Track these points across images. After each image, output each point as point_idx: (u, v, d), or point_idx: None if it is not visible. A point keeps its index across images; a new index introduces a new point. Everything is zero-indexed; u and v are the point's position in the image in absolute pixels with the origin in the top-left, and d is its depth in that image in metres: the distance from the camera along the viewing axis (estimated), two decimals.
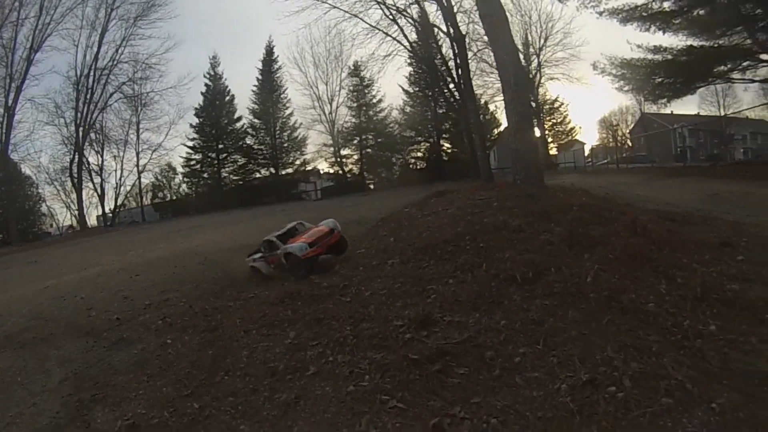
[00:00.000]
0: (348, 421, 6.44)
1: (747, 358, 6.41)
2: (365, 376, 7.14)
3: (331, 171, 60.71)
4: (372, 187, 56.75)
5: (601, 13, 34.67)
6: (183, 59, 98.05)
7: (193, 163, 59.87)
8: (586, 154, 55.63)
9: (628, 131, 66.01)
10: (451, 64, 36.90)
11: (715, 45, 33.02)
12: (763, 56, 32.19)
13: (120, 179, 57.86)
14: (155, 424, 7.23)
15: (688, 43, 33.68)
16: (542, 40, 53.07)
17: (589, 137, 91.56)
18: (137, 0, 55.29)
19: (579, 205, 13.04)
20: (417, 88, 54.51)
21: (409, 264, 11.42)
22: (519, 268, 9.25)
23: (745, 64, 33.18)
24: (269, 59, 60.20)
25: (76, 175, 54.78)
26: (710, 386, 5.96)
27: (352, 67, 56.54)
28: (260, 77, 60.20)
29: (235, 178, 60.50)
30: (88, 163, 56.29)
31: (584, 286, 8.28)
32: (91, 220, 58.49)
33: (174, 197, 62.47)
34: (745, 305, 7.52)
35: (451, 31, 32.97)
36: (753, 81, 34.94)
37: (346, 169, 59.02)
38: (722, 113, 45.99)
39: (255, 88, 60.18)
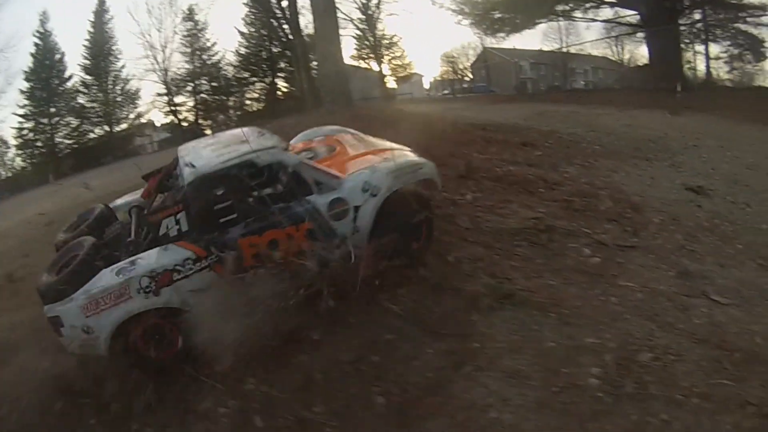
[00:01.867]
0: None
1: (501, 219, 6.41)
2: None
3: (167, 121, 58.33)
4: (210, 132, 54.85)
5: None
6: (10, 18, 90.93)
7: (25, 132, 55.46)
8: (427, 86, 56.82)
9: (469, 64, 67.20)
10: (285, 3, 35.96)
11: None
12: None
13: None
14: None
15: None
16: None
17: (432, 70, 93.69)
18: None
19: (373, 116, 13.27)
20: (253, 29, 52.96)
21: None
22: None
23: (588, 5, 35.49)
24: (101, 10, 56.70)
25: None
26: (450, 245, 5.86)
27: (187, 11, 54.37)
28: (92, 30, 56.69)
29: (69, 142, 56.68)
30: None
31: None
32: None
33: (9, 174, 57.87)
34: (516, 181, 7.63)
35: None
36: (594, 20, 37.19)
37: (181, 117, 56.86)
38: (564, 48, 48.18)
39: (86, 43, 56.71)
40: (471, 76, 62.01)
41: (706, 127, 15.42)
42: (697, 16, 32.25)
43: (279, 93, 54.19)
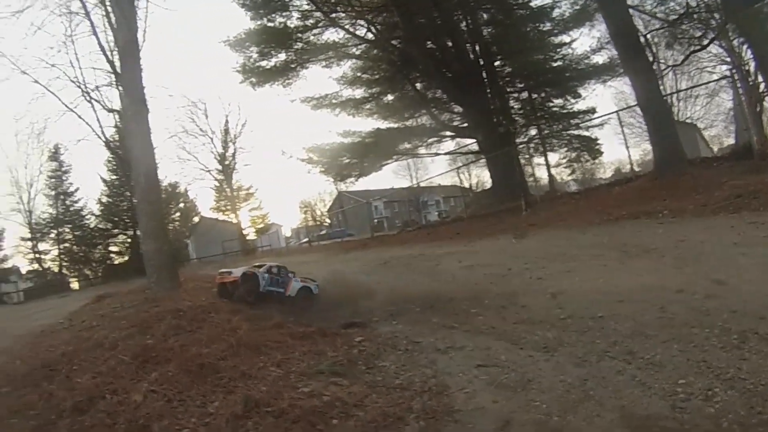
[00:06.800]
0: None
1: None
2: None
3: (32, 269, 53.77)
4: (76, 286, 51.02)
5: (293, 101, 35.97)
6: None
7: None
8: (288, 234, 57.43)
9: (327, 210, 68.15)
10: None
11: (402, 126, 36.08)
12: (446, 132, 35.67)
13: None
14: None
15: (377, 125, 36.22)
16: (240, 127, 52.65)
17: (293, 219, 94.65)
18: None
19: (185, 308, 12.50)
20: (115, 177, 50.49)
21: (11, 396, 9.30)
22: (77, 396, 7.77)
23: (430, 140, 36.56)
24: None
25: None
26: None
27: (53, 150, 51.37)
28: None
29: None
30: None
31: (128, 414, 6.82)
32: None
33: None
34: (307, 412, 6.11)
35: None
36: (437, 154, 38.77)
37: (46, 266, 52.67)
38: (414, 184, 49.46)
39: None
40: (329, 221, 62.84)
41: (550, 248, 14.76)
42: (533, 131, 35.33)
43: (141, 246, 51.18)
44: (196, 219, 51.96)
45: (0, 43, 38.32)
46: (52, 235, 51.71)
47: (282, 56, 33.45)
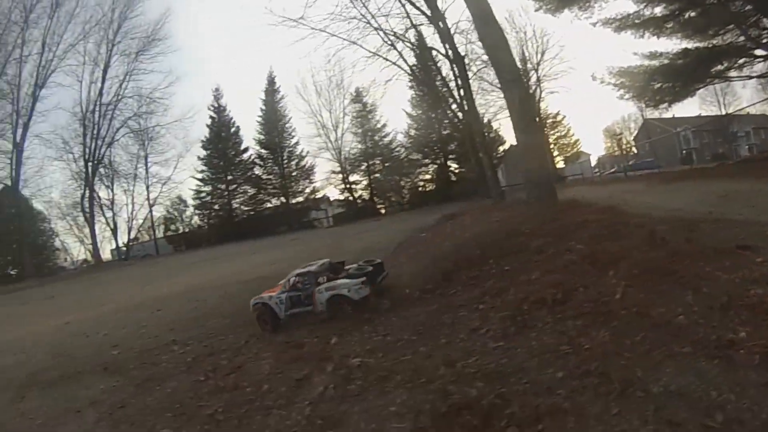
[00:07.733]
0: None
1: None
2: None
3: (342, 198, 60.94)
4: (383, 211, 57.90)
5: (594, 24, 35.06)
6: (186, 92, 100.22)
7: (203, 195, 61.31)
8: (594, 164, 55.99)
9: (632, 138, 65.35)
10: (452, 85, 37.10)
11: (710, 45, 33.41)
12: (758, 52, 32.55)
13: (131, 213, 59.17)
14: None
15: (683, 45, 34.08)
16: (539, 55, 53.41)
17: (596, 147, 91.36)
18: (137, 35, 56.34)
19: (594, 221, 13.30)
20: (420, 111, 55.20)
21: (437, 291, 11.80)
22: (547, 289, 9.26)
23: (740, 61, 33.60)
24: (271, 89, 61.28)
25: (87, 210, 57.36)
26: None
27: (354, 94, 57.30)
28: (264, 108, 61.22)
29: (246, 208, 61.35)
30: (99, 197, 58.73)
31: (614, 304, 8.20)
32: (105, 254, 60.01)
33: (186, 229, 62.82)
34: None
35: (450, 52, 33.11)
36: (750, 77, 35.63)
37: (356, 195, 60.39)
38: (723, 112, 45.79)
39: (259, 119, 61.09)
40: (635, 151, 60.69)
41: None
42: None
43: (451, 175, 55.56)
44: (501, 149, 54.22)
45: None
46: (363, 168, 59.20)
47: None
